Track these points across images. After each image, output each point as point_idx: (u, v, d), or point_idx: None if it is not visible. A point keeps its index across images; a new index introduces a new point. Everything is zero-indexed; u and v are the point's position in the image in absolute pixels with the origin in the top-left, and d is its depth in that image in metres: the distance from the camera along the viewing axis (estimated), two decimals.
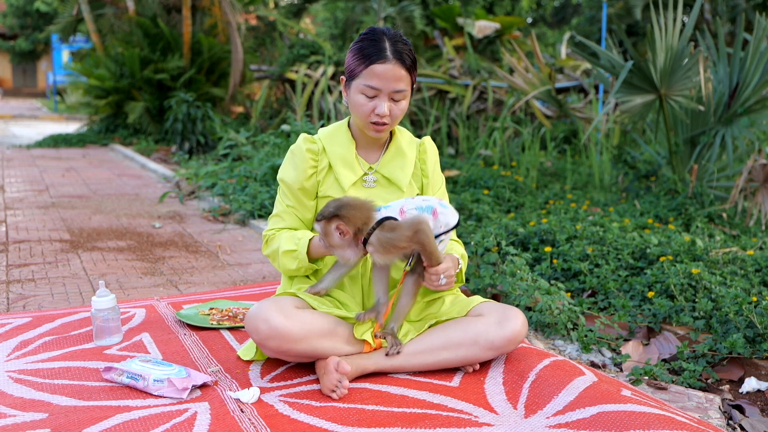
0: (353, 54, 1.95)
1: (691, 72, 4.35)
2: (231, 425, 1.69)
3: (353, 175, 2.04)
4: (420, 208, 1.87)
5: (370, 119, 1.95)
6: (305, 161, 2.03)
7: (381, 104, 1.92)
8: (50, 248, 3.78)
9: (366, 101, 1.93)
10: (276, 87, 10.21)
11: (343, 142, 2.06)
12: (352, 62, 1.95)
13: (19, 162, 8.01)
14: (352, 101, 1.96)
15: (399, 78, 1.92)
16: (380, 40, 1.92)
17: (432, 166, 2.14)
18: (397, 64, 1.91)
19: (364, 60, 1.91)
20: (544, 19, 20.07)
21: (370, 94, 1.92)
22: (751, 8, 12.37)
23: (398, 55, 1.91)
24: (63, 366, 2.07)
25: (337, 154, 2.04)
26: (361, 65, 1.92)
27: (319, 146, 2.05)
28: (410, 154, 2.10)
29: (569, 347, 2.56)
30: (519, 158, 6.08)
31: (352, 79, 1.95)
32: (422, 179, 2.13)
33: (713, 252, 3.24)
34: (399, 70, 1.91)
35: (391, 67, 1.90)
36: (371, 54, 1.90)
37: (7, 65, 30.96)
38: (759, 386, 2.22)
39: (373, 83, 1.90)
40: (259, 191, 4.89)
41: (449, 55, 9.90)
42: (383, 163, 2.08)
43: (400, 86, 1.92)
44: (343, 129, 2.09)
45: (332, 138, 2.07)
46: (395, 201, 1.93)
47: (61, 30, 11.97)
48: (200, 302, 2.73)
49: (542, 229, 3.51)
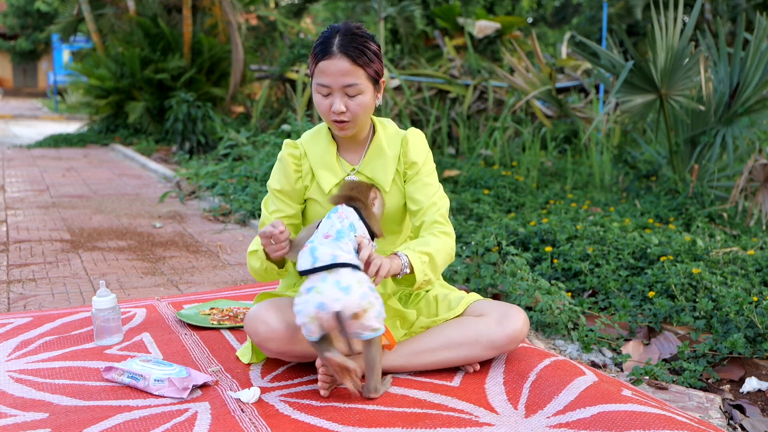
0: (311, 54, 1.95)
1: (691, 72, 4.35)
2: (231, 425, 1.69)
3: (334, 177, 2.02)
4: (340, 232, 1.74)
5: (330, 117, 1.93)
6: (289, 166, 2.02)
7: (335, 101, 1.89)
8: (51, 248, 3.78)
9: (322, 100, 1.92)
10: (276, 87, 10.22)
11: (324, 145, 2.04)
12: (310, 63, 1.95)
13: (19, 162, 8.01)
14: (315, 101, 1.95)
15: (346, 72, 1.86)
16: (331, 37, 1.89)
17: (414, 152, 2.03)
18: (342, 58, 1.85)
19: (314, 59, 1.91)
20: (545, 18, 20.07)
21: (323, 93, 1.91)
22: (752, 8, 12.36)
23: (343, 49, 1.86)
24: (63, 366, 2.07)
25: (318, 156, 2.02)
26: (312, 65, 1.92)
27: (300, 151, 2.04)
28: (391, 151, 2.03)
29: (570, 347, 2.56)
30: (519, 158, 6.08)
31: (311, 79, 1.96)
32: (407, 171, 2.04)
33: (714, 252, 3.24)
34: (344, 63, 1.85)
35: (336, 61, 1.86)
36: (319, 52, 1.90)
37: (7, 65, 30.96)
38: (760, 386, 2.22)
39: (322, 80, 1.89)
40: (259, 191, 4.89)
41: (450, 55, 9.91)
42: (365, 164, 2.04)
43: (348, 80, 1.87)
44: (324, 131, 2.06)
45: (313, 141, 2.05)
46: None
47: (61, 30, 11.98)
48: (201, 302, 2.74)
49: (543, 228, 3.51)
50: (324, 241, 1.71)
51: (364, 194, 1.87)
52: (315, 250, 1.69)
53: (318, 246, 1.70)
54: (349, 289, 1.63)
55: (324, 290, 1.64)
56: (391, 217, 2.07)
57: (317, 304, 1.64)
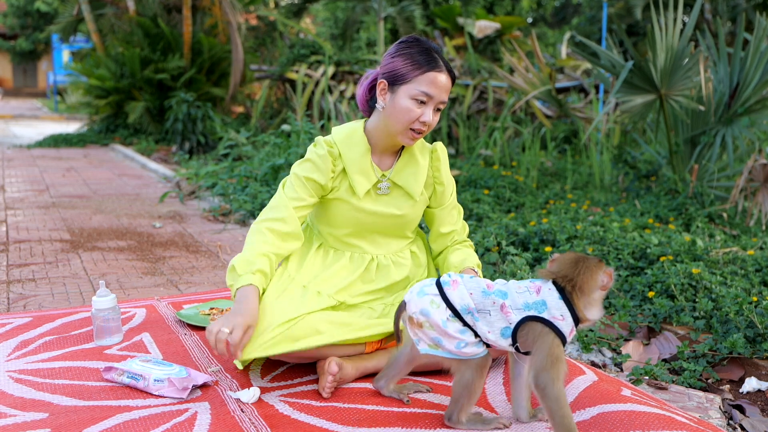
0: (404, 59, 1.91)
1: (691, 72, 4.35)
2: (231, 425, 1.69)
3: (367, 182, 2.02)
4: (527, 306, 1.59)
5: (412, 126, 1.92)
6: (326, 164, 2.00)
7: (428, 112, 1.91)
8: (50, 248, 3.78)
9: (414, 107, 1.90)
10: (276, 87, 10.22)
11: (359, 148, 2.02)
12: (403, 67, 1.91)
13: (19, 162, 8.01)
14: (397, 105, 1.91)
15: (448, 89, 1.94)
16: (430, 50, 1.93)
17: (445, 172, 2.12)
18: (448, 76, 1.94)
19: (420, 66, 1.89)
20: (545, 18, 20.07)
21: (421, 99, 1.90)
22: (752, 8, 12.36)
23: (448, 68, 1.94)
24: (63, 366, 2.07)
25: (353, 159, 2.01)
26: (416, 71, 1.89)
27: (336, 151, 2.02)
28: (423, 161, 2.08)
29: (569, 347, 2.56)
30: (519, 158, 6.08)
31: (401, 83, 1.91)
32: (435, 186, 2.11)
33: (713, 252, 3.24)
34: (449, 82, 1.94)
35: (444, 77, 1.92)
36: (427, 62, 1.90)
37: (7, 65, 30.98)
38: (759, 386, 2.22)
39: (429, 90, 1.89)
40: (259, 191, 4.89)
41: (449, 55, 9.91)
42: (397, 171, 2.05)
43: (446, 98, 1.94)
44: (359, 133, 2.03)
45: (348, 143, 2.03)
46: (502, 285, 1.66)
47: (61, 30, 11.98)
48: (200, 302, 2.74)
49: (542, 229, 3.51)
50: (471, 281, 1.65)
51: (586, 274, 1.58)
52: (461, 276, 1.67)
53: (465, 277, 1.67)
54: (422, 294, 1.65)
55: (418, 283, 1.70)
56: (408, 225, 2.10)
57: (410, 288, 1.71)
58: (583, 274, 1.57)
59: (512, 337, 1.59)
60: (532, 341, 1.57)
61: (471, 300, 1.62)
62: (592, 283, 1.57)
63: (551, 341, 1.54)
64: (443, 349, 1.63)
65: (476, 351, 1.62)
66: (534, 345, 1.56)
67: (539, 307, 1.57)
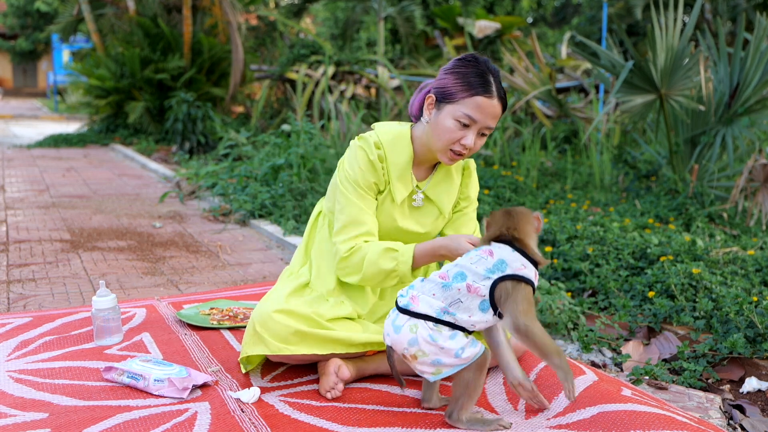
0: (456, 77, 1.86)
1: (691, 72, 4.35)
2: (231, 425, 1.69)
3: (405, 190, 1.98)
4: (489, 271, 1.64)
5: (452, 147, 1.88)
6: (377, 168, 1.95)
7: (470, 135, 1.86)
8: (51, 248, 3.78)
9: (457, 128, 1.85)
10: (276, 87, 10.22)
11: (405, 155, 1.97)
12: (453, 86, 1.86)
13: (19, 162, 8.01)
14: (440, 124, 1.87)
15: (496, 116, 1.87)
16: (486, 73, 1.85)
17: (473, 188, 2.10)
18: (499, 103, 1.86)
19: (470, 88, 1.83)
20: (545, 18, 20.07)
21: (464, 122, 1.85)
22: (752, 8, 12.36)
23: (501, 93, 1.87)
24: (63, 366, 2.07)
25: (397, 165, 1.96)
26: (465, 92, 1.84)
27: (383, 153, 1.97)
28: (456, 179, 2.05)
29: (570, 347, 2.56)
30: (519, 158, 6.08)
31: (448, 102, 1.87)
32: (460, 200, 2.08)
33: (714, 252, 3.24)
34: (499, 108, 1.87)
35: (495, 104, 1.85)
36: (479, 85, 1.83)
37: (7, 65, 30.97)
38: (759, 386, 2.22)
39: (473, 114, 1.84)
40: (259, 191, 4.89)
41: (449, 55, 9.91)
42: (432, 185, 2.02)
43: (492, 123, 1.87)
44: (405, 140, 1.98)
45: (394, 148, 1.97)
46: None
47: (61, 30, 11.98)
48: (201, 302, 2.74)
49: (543, 228, 3.50)
50: (425, 284, 1.68)
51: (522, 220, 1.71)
52: (412, 287, 1.69)
53: (416, 285, 1.69)
54: (399, 329, 1.65)
55: (386, 322, 1.70)
56: (428, 237, 2.06)
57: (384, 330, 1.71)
58: (521, 222, 1.70)
59: (492, 307, 1.63)
60: (506, 299, 1.62)
61: (437, 300, 1.64)
62: (529, 227, 1.71)
63: (522, 290, 1.62)
64: (447, 367, 1.64)
65: (475, 351, 1.63)
66: (508, 300, 1.62)
67: (500, 266, 1.63)
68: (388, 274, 1.88)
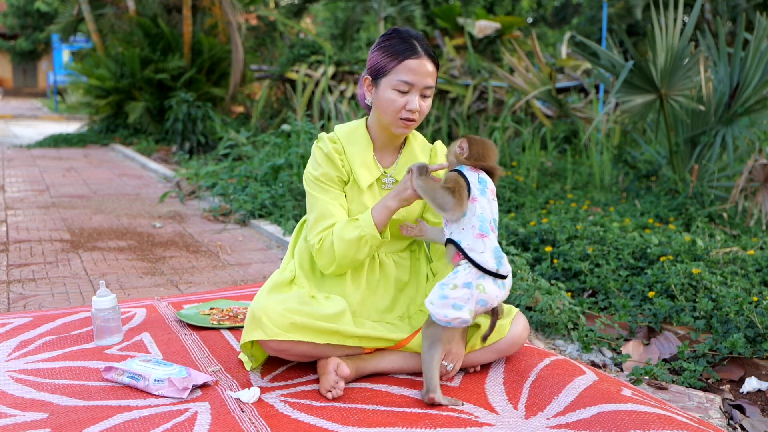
0: (382, 52, 1.94)
1: (691, 72, 4.34)
2: (231, 425, 1.69)
3: (370, 176, 2.03)
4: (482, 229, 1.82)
5: (400, 115, 1.93)
6: (335, 160, 2.01)
7: (413, 99, 1.91)
8: (51, 248, 3.78)
9: (398, 97, 1.92)
10: (276, 87, 10.22)
11: (363, 144, 2.04)
12: (381, 60, 1.94)
13: (19, 162, 8.01)
14: (383, 98, 1.94)
15: (430, 74, 1.93)
16: (408, 38, 1.94)
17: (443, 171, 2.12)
18: (428, 60, 1.93)
19: (397, 56, 1.91)
20: (545, 18, 20.07)
21: (403, 89, 1.91)
22: (752, 8, 12.36)
23: (428, 52, 1.94)
24: (63, 366, 2.07)
25: (356, 154, 2.03)
26: (394, 61, 1.91)
27: (339, 146, 2.03)
28: (423, 158, 2.10)
29: (570, 347, 2.56)
30: (519, 158, 6.08)
31: (381, 76, 1.94)
32: None
33: (714, 252, 3.24)
34: (430, 65, 1.93)
35: (424, 62, 1.91)
36: (404, 50, 1.91)
37: (7, 65, 30.97)
38: (759, 386, 2.22)
39: (407, 78, 1.90)
40: (259, 191, 4.89)
41: (450, 55, 9.91)
42: (399, 168, 2.08)
43: (429, 82, 1.93)
44: (361, 129, 2.06)
45: (350, 139, 2.05)
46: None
47: (61, 30, 11.98)
48: (201, 302, 2.74)
49: (543, 228, 3.51)
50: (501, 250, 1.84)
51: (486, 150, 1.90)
52: (502, 258, 1.82)
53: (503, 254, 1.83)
54: (504, 286, 1.82)
55: (489, 290, 1.79)
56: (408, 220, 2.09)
57: (480, 300, 1.78)
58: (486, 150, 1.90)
59: None
60: None
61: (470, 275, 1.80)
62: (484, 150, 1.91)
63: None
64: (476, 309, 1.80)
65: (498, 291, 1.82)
66: None
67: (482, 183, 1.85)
68: (357, 242, 1.93)
